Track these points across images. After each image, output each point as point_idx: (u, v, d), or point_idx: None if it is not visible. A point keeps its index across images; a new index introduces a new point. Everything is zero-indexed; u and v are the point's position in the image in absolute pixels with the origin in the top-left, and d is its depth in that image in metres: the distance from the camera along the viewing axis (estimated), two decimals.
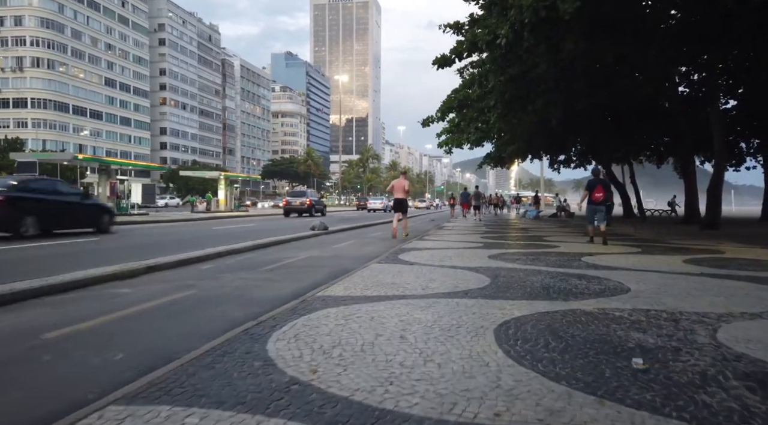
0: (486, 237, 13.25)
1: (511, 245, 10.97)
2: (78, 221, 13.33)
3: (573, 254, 8.99)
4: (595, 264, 7.45)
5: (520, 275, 6.27)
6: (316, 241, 12.57)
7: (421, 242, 11.43)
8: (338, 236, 14.47)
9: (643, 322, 3.74)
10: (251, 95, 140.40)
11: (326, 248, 10.60)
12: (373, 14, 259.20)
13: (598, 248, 10.15)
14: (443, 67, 14.95)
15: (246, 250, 9.63)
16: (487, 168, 48.34)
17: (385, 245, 11.32)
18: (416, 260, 7.87)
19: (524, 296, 4.83)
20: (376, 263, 7.49)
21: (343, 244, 11.73)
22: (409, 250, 9.48)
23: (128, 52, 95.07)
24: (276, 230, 15.77)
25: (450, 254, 8.74)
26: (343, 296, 4.71)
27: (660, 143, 33.22)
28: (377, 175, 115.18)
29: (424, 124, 18.15)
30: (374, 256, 8.79)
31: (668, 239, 13.27)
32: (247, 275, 6.59)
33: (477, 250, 9.63)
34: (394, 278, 5.91)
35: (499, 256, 8.54)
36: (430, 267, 6.95)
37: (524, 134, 25.25)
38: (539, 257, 8.44)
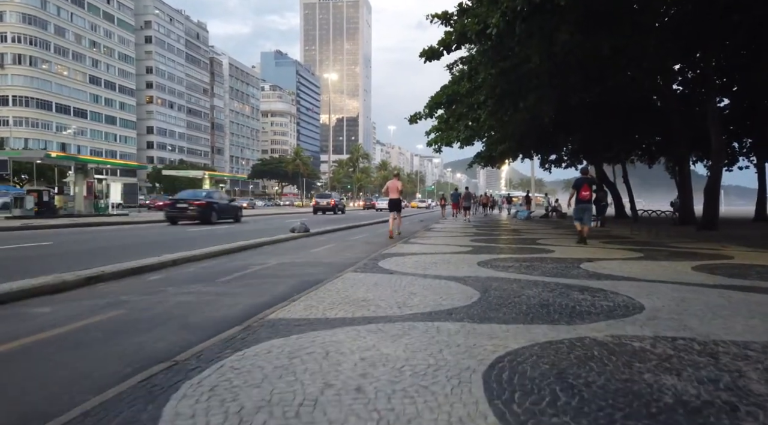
0: (476, 240, 12.45)
1: (502, 249, 10.17)
2: None
3: (570, 260, 8.20)
4: (597, 273, 6.66)
5: (513, 287, 5.44)
6: (294, 245, 11.68)
7: (406, 246, 10.60)
8: (319, 238, 13.59)
9: (673, 358, 2.92)
10: (240, 94, 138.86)
11: (302, 253, 9.73)
12: (364, 14, 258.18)
13: (596, 253, 9.37)
14: (431, 60, 14.13)
15: (209, 256, 8.72)
16: (478, 168, 47.98)
17: (366, 249, 10.48)
18: (397, 268, 7.03)
19: (520, 317, 4.00)
20: (352, 271, 6.64)
21: (321, 248, 10.86)
22: (391, 255, 8.64)
23: (113, 49, 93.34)
24: (255, 232, 14.86)
25: (436, 261, 7.91)
26: (300, 319, 3.85)
27: (652, 143, 32.82)
28: (367, 175, 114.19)
29: (411, 120, 17.32)
30: (352, 263, 7.93)
31: (667, 241, 12.55)
32: (198, 289, 5.70)
33: (465, 255, 8.81)
34: (367, 292, 5.06)
35: (490, 263, 7.72)
36: (412, 277, 6.11)
37: (515, 132, 24.53)
38: (533, 264, 7.63)
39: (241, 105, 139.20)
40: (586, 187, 11.40)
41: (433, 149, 26.07)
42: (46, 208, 25.99)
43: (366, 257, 8.47)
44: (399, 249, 9.82)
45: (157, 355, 3.15)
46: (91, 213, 27.80)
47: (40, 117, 79.60)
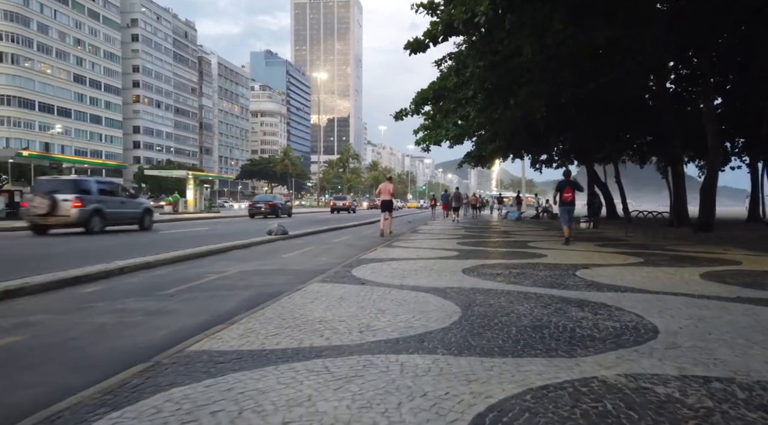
0: (463, 243, 11.67)
1: (490, 253, 9.40)
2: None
3: (565, 266, 7.43)
4: (596, 282, 5.89)
5: (501, 302, 4.65)
6: (267, 248, 10.83)
7: (388, 250, 9.79)
8: (296, 241, 12.74)
9: (715, 415, 2.14)
10: (229, 94, 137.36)
11: (272, 259, 8.89)
12: (355, 14, 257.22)
13: (592, 258, 8.62)
14: (416, 53, 13.36)
15: (167, 262, 7.85)
16: (469, 169, 47.03)
17: (344, 254, 9.67)
18: (371, 277, 6.22)
19: (508, 345, 3.21)
20: (319, 282, 5.82)
21: (295, 252, 10.02)
22: (368, 261, 7.83)
23: (99, 47, 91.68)
24: (229, 235, 13.98)
25: (416, 268, 7.11)
26: (230, 351, 3.03)
27: (644, 143, 32.39)
28: (357, 175, 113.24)
29: (397, 117, 16.52)
30: (323, 270, 7.11)
31: (665, 244, 11.85)
32: (131, 305, 4.85)
33: (450, 261, 8.02)
34: (327, 310, 4.25)
35: (476, 269, 6.94)
36: (385, 289, 5.31)
37: (506, 130, 23.84)
38: (524, 271, 6.86)
39: (230, 105, 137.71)
40: (569, 189, 11.66)
41: (421, 149, 25.32)
42: (18, 209, 24.79)
43: (341, 263, 7.66)
44: (379, 254, 9.02)
45: (7, 413, 2.31)
46: None
47: (23, 116, 77.87)
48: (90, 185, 14.80)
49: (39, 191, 14.07)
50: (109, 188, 15.58)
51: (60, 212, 13.61)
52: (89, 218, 13.98)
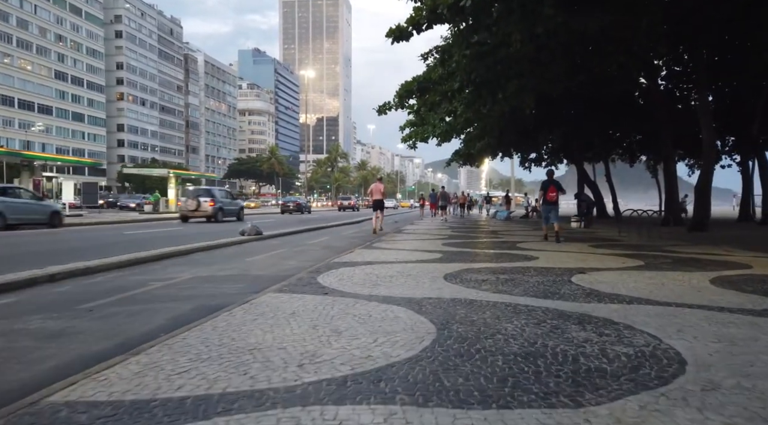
0: (448, 244, 10.88)
1: (477, 255, 8.60)
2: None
3: (558, 270, 6.66)
4: (596, 291, 5.11)
5: (486, 318, 3.85)
6: (235, 251, 9.95)
7: (366, 252, 8.96)
8: (269, 242, 11.85)
9: None
10: (216, 92, 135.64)
11: (233, 263, 8.02)
12: (344, 12, 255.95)
13: (587, 260, 7.86)
14: (398, 41, 12.55)
15: (108, 268, 6.94)
16: (458, 168, 46.14)
17: (317, 256, 8.84)
18: (338, 284, 5.40)
19: (491, 389, 2.40)
20: (275, 292, 4.97)
21: (263, 255, 9.14)
22: (340, 265, 7.00)
23: (81, 44, 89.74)
24: (202, 235, 13.08)
25: (393, 273, 6.29)
26: (106, 402, 2.19)
27: (633, 141, 31.99)
28: (346, 174, 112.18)
29: (380, 111, 15.67)
30: (286, 276, 6.27)
31: (662, 244, 11.16)
32: (33, 324, 3.96)
33: (432, 265, 7.21)
34: (269, 331, 3.41)
35: (460, 275, 6.14)
36: (350, 301, 4.48)
37: (495, 127, 23.14)
38: (514, 277, 6.07)
39: (217, 103, 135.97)
40: (553, 188, 11.76)
41: (407, 146, 24.59)
42: None
43: (309, 268, 6.82)
44: (354, 257, 8.18)
45: None
46: None
47: (2, 113, 75.89)
48: (216, 191, 23.46)
49: (190, 195, 22.28)
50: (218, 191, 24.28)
51: (202, 209, 21.19)
52: (217, 213, 21.58)
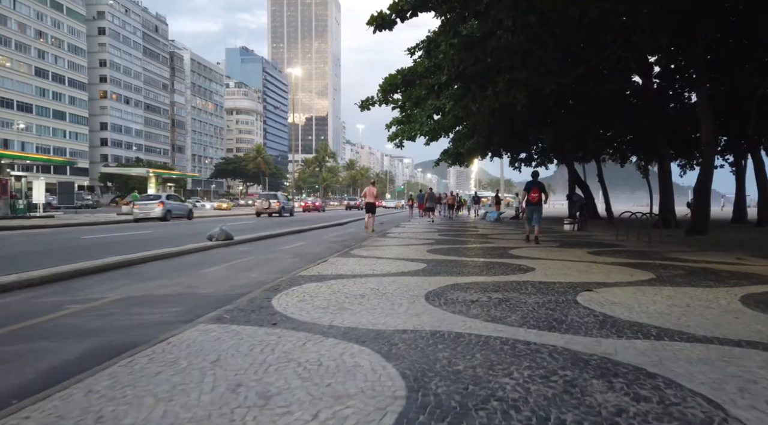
0: (434, 250, 9.89)
1: (466, 266, 7.62)
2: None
3: (560, 286, 5.69)
4: (612, 318, 4.14)
5: (476, 367, 2.85)
6: (194, 259, 8.87)
7: (341, 261, 7.94)
8: (237, 249, 10.77)
9: None
10: (203, 91, 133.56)
11: (183, 277, 6.95)
12: (333, 11, 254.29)
13: (591, 271, 6.90)
14: (381, 30, 11.54)
15: (31, 283, 5.84)
16: (448, 169, 44.97)
17: (282, 267, 7.80)
18: (295, 309, 4.38)
19: None
20: (208, 322, 3.94)
21: (221, 266, 8.08)
22: (306, 279, 5.98)
23: (62, 40, 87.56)
24: (167, 239, 11.96)
25: (365, 290, 5.29)
26: None
27: (624, 141, 31.42)
28: (334, 174, 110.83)
29: (363, 106, 14.64)
30: (239, 294, 5.24)
31: (665, 251, 10.28)
32: None
33: (413, 279, 6.21)
34: (167, 398, 2.39)
35: (444, 293, 5.14)
36: (301, 337, 3.46)
37: (484, 126, 22.24)
38: (509, 295, 5.09)
39: (203, 102, 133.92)
40: (536, 189, 11.69)
41: (394, 144, 23.61)
42: None
43: (268, 284, 5.79)
44: (326, 267, 7.16)
45: None
46: (6, 215, 24.26)
47: None
48: (279, 195, 33.99)
49: (263, 198, 32.75)
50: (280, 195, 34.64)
51: (271, 208, 31.06)
52: (281, 210, 31.23)
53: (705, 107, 16.08)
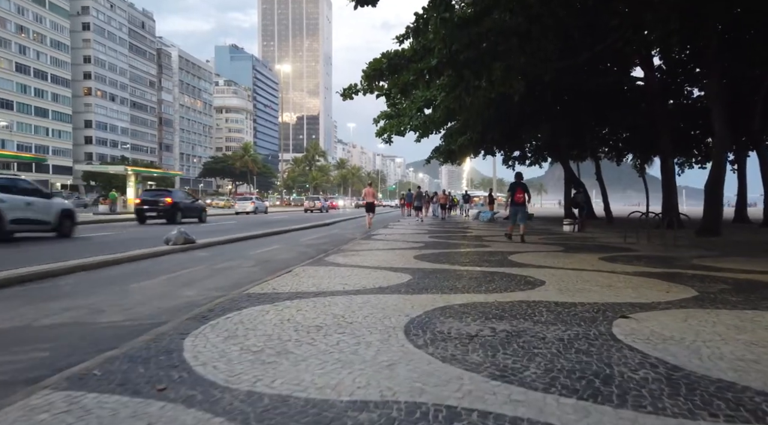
0: (423, 257, 8.52)
1: (460, 278, 6.24)
2: None
3: (585, 308, 4.33)
4: (680, 369, 2.78)
5: None
6: (135, 268, 7.42)
7: (310, 271, 6.54)
8: (195, 255, 9.31)
9: None
10: (191, 88, 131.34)
11: (104, 294, 5.51)
12: (324, 10, 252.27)
13: (615, 286, 5.55)
14: (363, 5, 10.16)
15: None
16: (440, 168, 43.43)
17: (235, 279, 6.40)
18: (207, 357, 2.98)
19: None
20: (50, 390, 2.53)
21: (161, 278, 6.64)
22: (254, 299, 4.58)
23: (45, 35, 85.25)
24: (129, 242, 10.49)
25: (327, 317, 3.90)
26: None
27: (620, 139, 30.38)
28: (324, 173, 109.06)
29: (345, 95, 13.20)
30: (150, 326, 3.83)
31: (687, 256, 8.99)
32: None
33: (393, 298, 4.82)
34: None
35: (432, 324, 3.76)
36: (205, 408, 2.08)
37: (478, 121, 20.94)
38: (520, 326, 3.71)
39: (192, 100, 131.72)
40: (520, 190, 12.03)
41: (382, 140, 22.28)
42: None
43: (199, 307, 4.37)
44: (288, 280, 5.75)
45: None
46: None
47: None
48: (320, 198, 50.57)
49: (311, 199, 48.97)
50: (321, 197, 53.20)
51: (316, 207, 44.75)
52: (321, 208, 45.05)
53: (716, 98, 14.86)
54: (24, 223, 11.43)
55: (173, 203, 19.92)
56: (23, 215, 11.30)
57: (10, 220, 10.83)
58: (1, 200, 10.64)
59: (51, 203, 12.54)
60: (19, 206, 11.15)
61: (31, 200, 11.61)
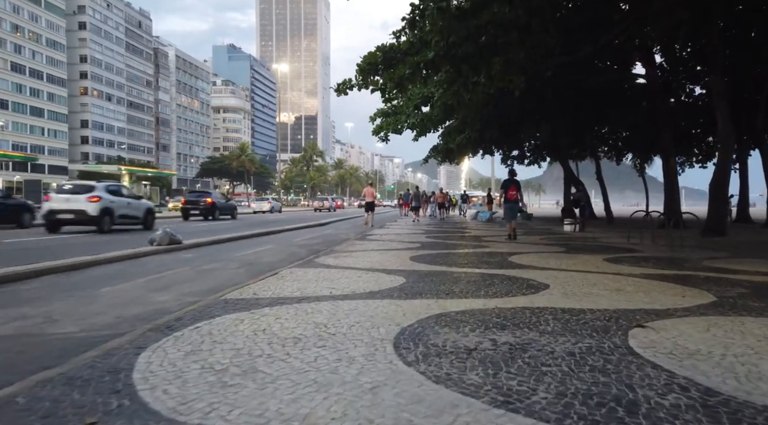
0: (418, 258, 8.08)
1: (457, 281, 5.80)
2: None
3: (595, 316, 3.90)
4: (715, 392, 2.34)
5: None
6: (105, 272, 6.97)
7: (297, 274, 6.11)
8: (180, 256, 8.86)
9: None
10: (189, 88, 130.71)
11: (69, 300, 5.06)
12: (322, 10, 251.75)
13: (625, 291, 5.11)
14: None
15: None
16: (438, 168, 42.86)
17: (217, 282, 5.96)
18: (159, 379, 2.54)
19: None
20: None
21: (136, 281, 6.20)
22: (230, 306, 4.15)
23: (40, 34, 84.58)
24: (103, 243, 10.04)
25: (305, 329, 3.47)
26: None
27: (620, 138, 30.04)
28: (322, 173, 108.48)
29: (339, 90, 12.72)
30: (109, 337, 3.39)
31: (693, 256, 8.58)
32: None
33: (384, 304, 4.38)
34: None
35: (425, 335, 3.32)
36: None
37: (476, 118, 20.52)
38: (524, 337, 3.27)
39: (189, 100, 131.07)
40: (513, 188, 12.11)
41: (379, 138, 21.85)
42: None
43: (169, 315, 3.94)
44: (270, 284, 5.32)
45: None
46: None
47: None
48: (329, 198, 56.24)
49: (319, 200, 55.38)
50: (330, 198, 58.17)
51: (325, 206, 49.31)
52: (329, 208, 48.95)
53: (721, 94, 14.44)
54: (125, 218, 15.32)
55: (212, 202, 23.50)
56: (125, 212, 15.23)
57: (118, 215, 14.77)
58: (112, 201, 14.55)
59: (140, 203, 16.63)
60: (123, 205, 15.12)
61: (130, 201, 15.65)
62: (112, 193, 14.71)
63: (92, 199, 13.89)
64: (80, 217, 13.81)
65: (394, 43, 11.77)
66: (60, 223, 14.00)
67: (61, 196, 14.20)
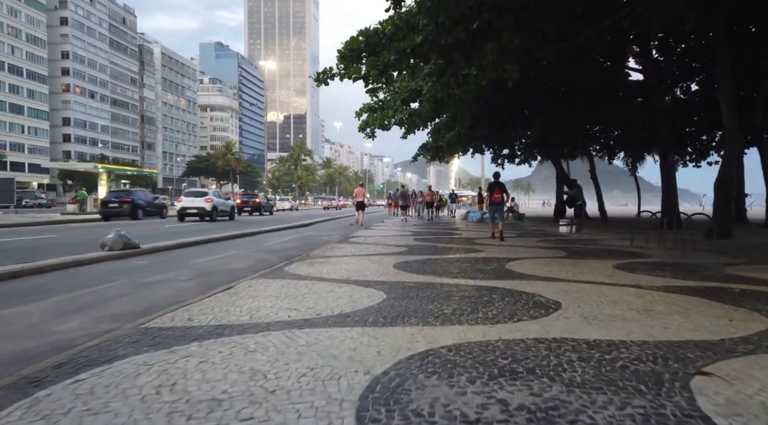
0: (404, 265, 7.05)
1: (449, 298, 4.78)
2: None
3: (632, 353, 2.90)
4: None
5: None
6: (30, 284, 5.86)
7: (255, 288, 5.06)
8: (130, 263, 7.74)
9: None
10: (175, 86, 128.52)
11: None
12: (311, 8, 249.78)
13: (654, 311, 4.12)
14: None
15: None
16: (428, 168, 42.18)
17: (152, 299, 4.88)
18: None
19: None
20: None
21: (57, 298, 5.10)
22: (140, 345, 3.10)
23: (20, 30, 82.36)
24: (74, 245, 8.90)
25: (232, 384, 2.42)
26: None
27: (611, 136, 29.37)
28: (310, 173, 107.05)
29: (319, 79, 11.62)
30: None
31: (708, 262, 7.66)
32: None
33: (352, 333, 3.34)
34: None
35: (403, 386, 2.28)
36: None
37: (467, 114, 19.59)
38: (546, 395, 2.27)
39: (175, 97, 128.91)
40: (498, 190, 12.05)
41: (365, 134, 20.82)
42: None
43: (60, 352, 2.89)
44: (220, 303, 4.26)
45: None
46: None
47: None
48: (335, 199, 67.83)
49: (328, 198, 73.32)
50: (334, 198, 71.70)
51: (332, 205, 58.85)
52: (336, 206, 57.27)
53: (727, 89, 13.60)
54: (221, 212, 22.68)
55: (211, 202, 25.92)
56: (221, 208, 22.73)
57: (219, 211, 22.35)
58: (217, 201, 22.36)
59: (228, 201, 24.82)
60: (221, 204, 23.05)
61: (224, 201, 23.74)
62: (217, 196, 23.03)
63: (207, 200, 21.74)
64: (201, 212, 21.44)
65: (378, 28, 10.72)
66: (187, 215, 21.57)
67: (188, 198, 22.23)
